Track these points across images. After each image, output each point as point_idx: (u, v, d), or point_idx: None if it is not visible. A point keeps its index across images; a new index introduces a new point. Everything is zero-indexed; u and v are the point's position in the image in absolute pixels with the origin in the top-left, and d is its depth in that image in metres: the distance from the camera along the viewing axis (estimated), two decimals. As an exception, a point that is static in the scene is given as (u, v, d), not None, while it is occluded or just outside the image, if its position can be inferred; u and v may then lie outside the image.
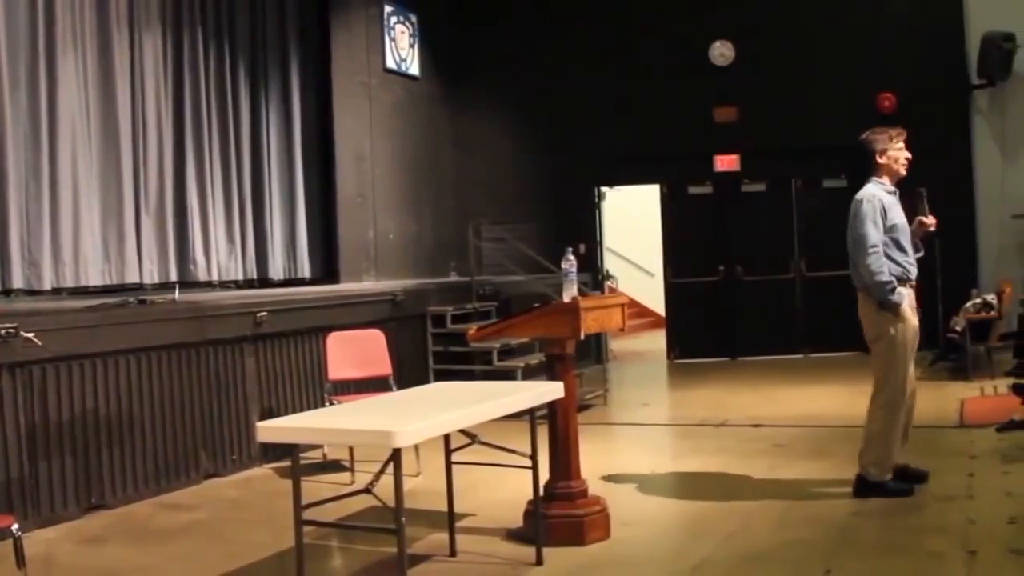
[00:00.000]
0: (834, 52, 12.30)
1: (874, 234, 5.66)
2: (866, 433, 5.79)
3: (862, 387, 6.06)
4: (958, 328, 10.22)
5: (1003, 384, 8.78)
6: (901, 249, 5.78)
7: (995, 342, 10.22)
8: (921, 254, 6.02)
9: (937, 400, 8.65)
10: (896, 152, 5.86)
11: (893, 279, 5.64)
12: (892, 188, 5.89)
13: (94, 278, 7.56)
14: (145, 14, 8.17)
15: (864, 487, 5.73)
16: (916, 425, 6.23)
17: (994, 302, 10.11)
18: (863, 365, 6.42)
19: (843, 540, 4.98)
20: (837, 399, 9.12)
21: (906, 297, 5.70)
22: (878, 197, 5.76)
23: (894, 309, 5.64)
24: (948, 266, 11.06)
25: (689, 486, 6.40)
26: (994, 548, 4.65)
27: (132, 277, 7.89)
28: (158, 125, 8.25)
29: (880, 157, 5.85)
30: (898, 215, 5.81)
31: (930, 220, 5.90)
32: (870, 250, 5.65)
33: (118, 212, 7.80)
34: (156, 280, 8.11)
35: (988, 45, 11.57)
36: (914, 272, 5.83)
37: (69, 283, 7.36)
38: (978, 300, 10.31)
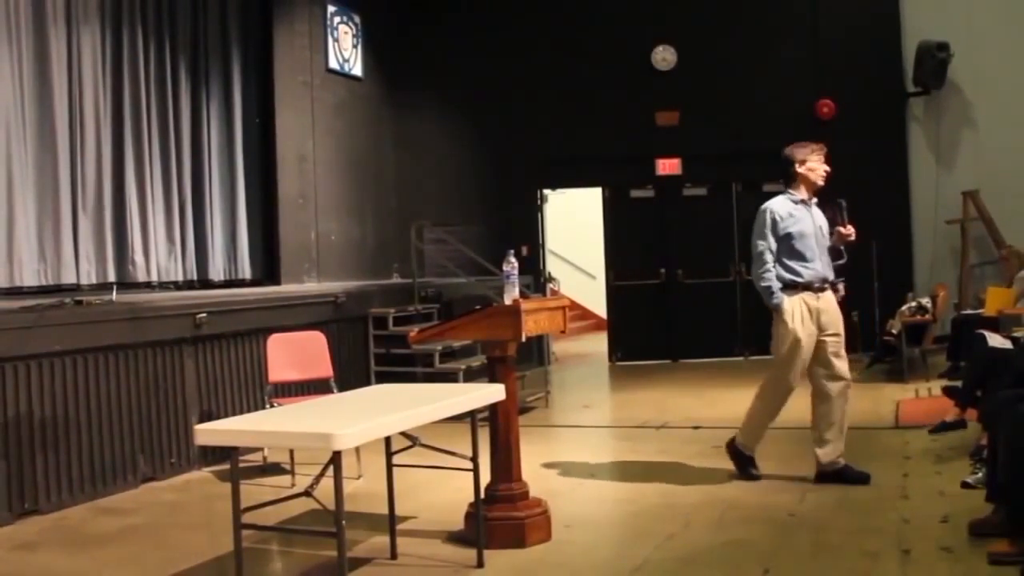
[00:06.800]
0: (775, 58, 12.47)
1: (760, 243, 6.14)
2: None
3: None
4: (894, 331, 10.39)
5: (937, 386, 8.96)
6: (798, 256, 6.10)
7: (929, 345, 10.42)
8: (843, 261, 6.36)
9: (873, 402, 8.80)
10: (815, 164, 6.24)
11: (774, 284, 6.04)
12: (802, 197, 6.24)
13: (29, 278, 7.42)
14: (83, 10, 8.01)
15: (730, 450, 6.41)
16: (853, 427, 6.39)
17: (929, 306, 10.29)
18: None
19: (781, 540, 5.04)
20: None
21: (787, 301, 6.02)
22: (772, 209, 6.19)
23: (775, 310, 6.06)
24: (884, 270, 11.26)
25: (630, 488, 6.43)
26: (927, 547, 4.74)
27: (69, 278, 7.75)
28: (96, 123, 8.10)
29: (800, 167, 6.24)
30: (797, 224, 6.13)
31: (848, 230, 6.23)
32: (755, 258, 6.15)
33: (54, 211, 7.65)
34: (93, 281, 7.96)
35: (923, 54, 11.79)
36: (812, 276, 6.10)
37: (3, 283, 7.21)
38: (913, 304, 10.48)
